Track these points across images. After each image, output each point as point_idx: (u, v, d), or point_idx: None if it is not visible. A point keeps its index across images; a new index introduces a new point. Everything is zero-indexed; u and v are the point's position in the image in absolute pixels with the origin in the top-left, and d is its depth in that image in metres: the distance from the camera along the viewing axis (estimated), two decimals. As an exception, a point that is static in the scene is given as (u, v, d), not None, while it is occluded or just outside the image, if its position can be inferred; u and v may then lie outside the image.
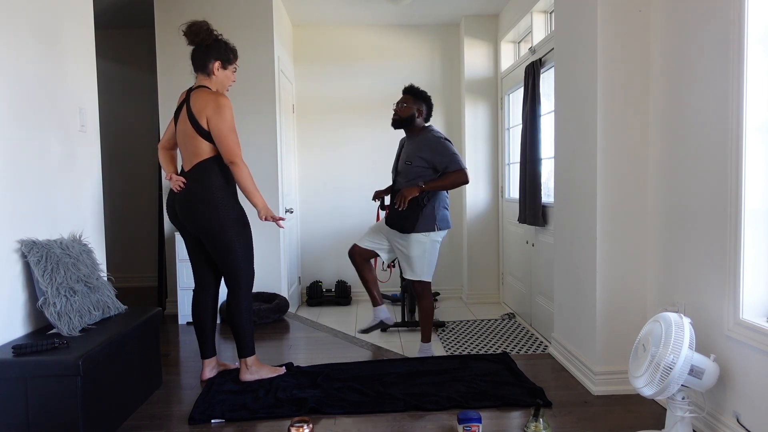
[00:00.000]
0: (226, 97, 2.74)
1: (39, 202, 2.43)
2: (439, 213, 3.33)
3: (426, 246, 3.33)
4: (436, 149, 3.29)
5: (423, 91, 3.44)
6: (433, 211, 3.31)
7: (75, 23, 2.79)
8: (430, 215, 3.30)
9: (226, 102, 2.70)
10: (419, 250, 3.33)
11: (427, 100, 3.42)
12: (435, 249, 3.38)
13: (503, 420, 2.45)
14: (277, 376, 2.93)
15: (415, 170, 3.30)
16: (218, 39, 2.76)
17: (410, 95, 3.41)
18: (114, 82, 5.52)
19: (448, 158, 3.26)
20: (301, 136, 5.29)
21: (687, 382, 2.02)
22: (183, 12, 4.24)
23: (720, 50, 2.10)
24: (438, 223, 3.32)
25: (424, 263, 3.36)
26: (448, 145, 3.31)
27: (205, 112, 2.66)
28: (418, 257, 3.35)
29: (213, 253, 2.80)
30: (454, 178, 3.26)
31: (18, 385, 2.01)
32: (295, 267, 5.13)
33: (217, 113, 2.66)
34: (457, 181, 3.28)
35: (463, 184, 3.32)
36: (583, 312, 2.88)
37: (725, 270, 2.09)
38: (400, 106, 3.41)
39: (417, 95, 3.40)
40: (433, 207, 3.31)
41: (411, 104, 3.37)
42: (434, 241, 3.35)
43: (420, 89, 3.44)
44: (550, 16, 4.07)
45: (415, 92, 3.41)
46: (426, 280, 3.40)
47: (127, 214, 5.60)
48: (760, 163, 1.99)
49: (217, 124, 2.66)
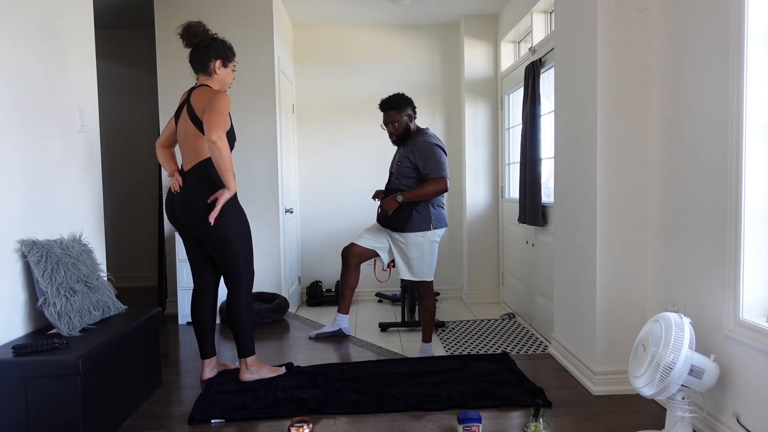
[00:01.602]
0: (226, 94, 2.73)
1: (39, 202, 2.43)
2: (433, 212, 3.34)
3: (424, 247, 3.35)
4: (423, 154, 3.31)
5: (397, 95, 3.39)
6: (427, 211, 3.32)
7: (75, 23, 2.79)
8: (424, 214, 3.32)
9: (222, 96, 2.64)
10: (417, 251, 3.35)
11: (407, 101, 3.39)
12: (433, 248, 3.38)
13: (503, 420, 2.45)
14: (277, 376, 2.93)
15: (404, 171, 3.36)
16: (215, 38, 2.76)
17: (393, 110, 3.36)
18: (114, 82, 5.52)
19: (431, 165, 3.27)
20: (301, 136, 5.29)
21: (687, 382, 2.02)
22: (183, 12, 4.24)
23: (720, 50, 2.10)
24: (433, 222, 3.34)
25: (423, 264, 3.37)
26: (436, 151, 3.29)
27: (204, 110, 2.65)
28: (416, 259, 3.37)
29: (212, 253, 2.80)
30: (433, 186, 3.26)
31: (18, 385, 2.01)
32: (295, 267, 5.13)
33: (211, 103, 2.59)
34: (437, 189, 3.28)
35: (442, 192, 3.32)
36: (583, 312, 2.88)
37: (725, 270, 2.09)
38: (392, 126, 3.38)
39: (397, 105, 3.35)
40: (427, 206, 3.32)
41: (399, 117, 3.35)
42: (432, 241, 3.36)
43: (394, 96, 3.39)
44: (550, 16, 4.07)
45: (394, 104, 3.35)
46: (428, 280, 3.40)
47: (127, 214, 5.60)
48: (760, 163, 1.99)
49: (207, 110, 2.57)
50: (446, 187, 3.29)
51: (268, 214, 4.37)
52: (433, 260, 3.39)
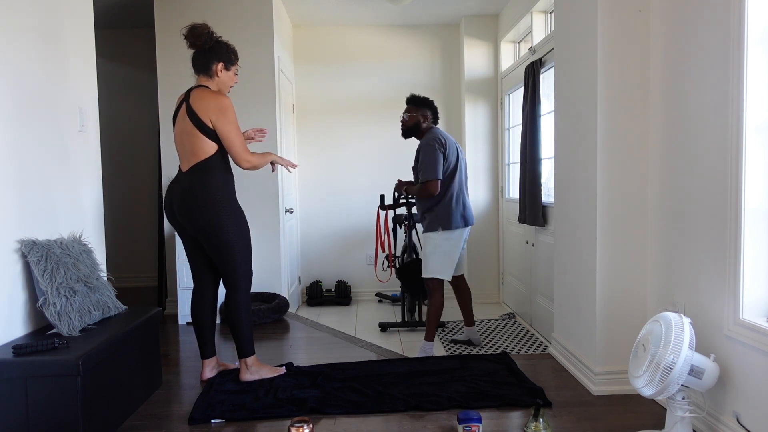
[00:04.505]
0: (228, 98, 2.74)
1: (39, 202, 2.43)
2: (443, 213, 3.37)
3: (435, 243, 3.40)
4: (420, 155, 3.41)
5: (424, 98, 3.53)
6: (440, 211, 3.38)
7: (75, 23, 2.79)
8: (437, 215, 3.38)
9: (229, 103, 2.71)
10: (430, 246, 3.43)
11: (429, 104, 3.52)
12: (444, 247, 3.40)
13: (503, 420, 2.45)
14: (277, 376, 2.93)
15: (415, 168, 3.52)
16: (219, 41, 2.77)
17: (412, 104, 3.53)
18: (114, 82, 5.52)
19: (422, 167, 3.34)
20: (301, 136, 5.29)
21: (687, 382, 2.02)
22: (183, 12, 4.25)
23: (720, 50, 2.10)
24: (443, 222, 3.37)
25: (429, 260, 3.42)
26: (431, 152, 3.32)
27: (209, 114, 2.66)
28: (428, 254, 3.43)
29: (211, 253, 2.80)
30: (423, 188, 3.33)
31: (18, 385, 2.01)
32: (295, 267, 5.13)
33: (223, 115, 2.67)
34: (422, 191, 3.34)
35: (430, 195, 3.32)
36: (583, 312, 2.88)
37: (725, 270, 2.09)
38: (404, 116, 3.53)
39: (418, 103, 3.50)
40: (441, 206, 3.37)
41: (414, 112, 3.49)
42: (445, 239, 3.38)
43: (420, 96, 3.54)
44: (550, 16, 4.07)
45: (416, 101, 3.52)
46: (434, 276, 3.42)
47: (127, 214, 5.60)
48: (760, 163, 1.99)
49: (224, 126, 2.68)
50: (432, 190, 3.29)
51: (268, 214, 4.37)
52: (443, 258, 3.40)
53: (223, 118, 2.67)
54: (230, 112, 2.70)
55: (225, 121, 2.68)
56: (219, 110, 2.67)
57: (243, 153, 2.73)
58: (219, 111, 2.67)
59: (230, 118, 2.69)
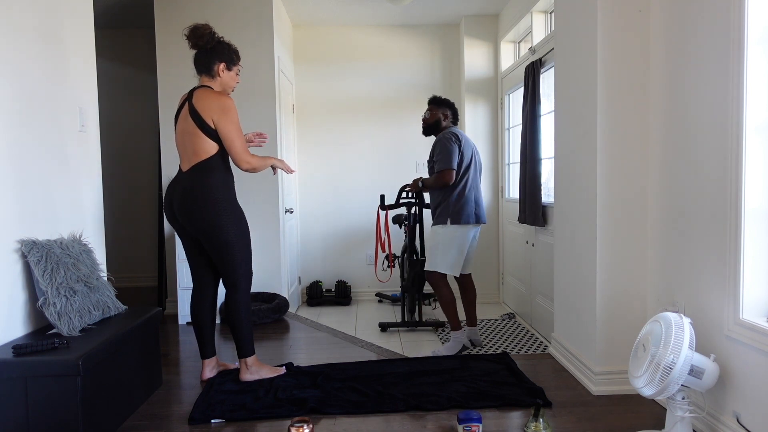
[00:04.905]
0: (231, 98, 2.75)
1: (39, 202, 2.43)
2: (454, 206, 3.41)
3: (439, 237, 3.44)
4: (436, 147, 3.49)
5: (445, 99, 3.69)
6: (449, 205, 3.42)
7: (75, 23, 2.79)
8: (447, 208, 3.43)
9: (231, 104, 2.72)
10: (433, 240, 3.49)
11: (450, 105, 3.67)
12: (448, 241, 3.42)
13: (503, 420, 2.45)
14: (277, 376, 2.93)
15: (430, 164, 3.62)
16: (221, 41, 2.77)
17: (433, 104, 3.68)
18: (114, 82, 5.52)
19: (439, 156, 3.44)
20: (301, 136, 5.29)
21: (687, 382, 2.02)
22: (183, 12, 4.24)
23: (720, 50, 2.10)
24: (451, 216, 3.41)
25: (432, 253, 3.47)
26: (447, 144, 3.42)
27: (211, 113, 2.67)
28: (431, 247, 3.49)
29: (211, 252, 2.80)
30: (438, 176, 3.43)
31: (18, 385, 2.01)
32: (295, 267, 5.13)
33: (225, 115, 2.68)
34: (438, 180, 3.43)
35: (443, 183, 3.41)
36: (583, 312, 2.88)
37: (725, 270, 2.09)
38: (426, 114, 3.68)
39: (439, 103, 3.65)
40: (450, 201, 3.42)
41: (435, 111, 3.63)
42: (451, 235, 3.41)
43: (441, 97, 3.70)
44: (550, 16, 4.07)
45: (437, 101, 3.67)
46: (434, 270, 3.45)
47: (127, 214, 5.60)
48: (760, 163, 1.99)
49: (225, 126, 2.68)
50: (448, 179, 3.38)
51: (268, 214, 4.37)
52: (445, 253, 3.42)
53: (225, 118, 2.67)
54: (233, 112, 2.70)
55: (227, 121, 2.68)
56: (221, 110, 2.67)
57: (243, 154, 2.73)
58: (221, 111, 2.67)
59: (232, 119, 2.70)
